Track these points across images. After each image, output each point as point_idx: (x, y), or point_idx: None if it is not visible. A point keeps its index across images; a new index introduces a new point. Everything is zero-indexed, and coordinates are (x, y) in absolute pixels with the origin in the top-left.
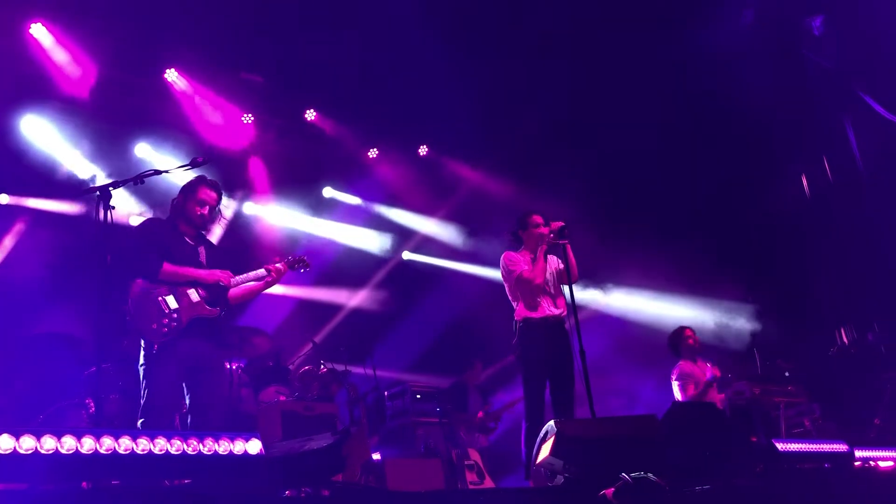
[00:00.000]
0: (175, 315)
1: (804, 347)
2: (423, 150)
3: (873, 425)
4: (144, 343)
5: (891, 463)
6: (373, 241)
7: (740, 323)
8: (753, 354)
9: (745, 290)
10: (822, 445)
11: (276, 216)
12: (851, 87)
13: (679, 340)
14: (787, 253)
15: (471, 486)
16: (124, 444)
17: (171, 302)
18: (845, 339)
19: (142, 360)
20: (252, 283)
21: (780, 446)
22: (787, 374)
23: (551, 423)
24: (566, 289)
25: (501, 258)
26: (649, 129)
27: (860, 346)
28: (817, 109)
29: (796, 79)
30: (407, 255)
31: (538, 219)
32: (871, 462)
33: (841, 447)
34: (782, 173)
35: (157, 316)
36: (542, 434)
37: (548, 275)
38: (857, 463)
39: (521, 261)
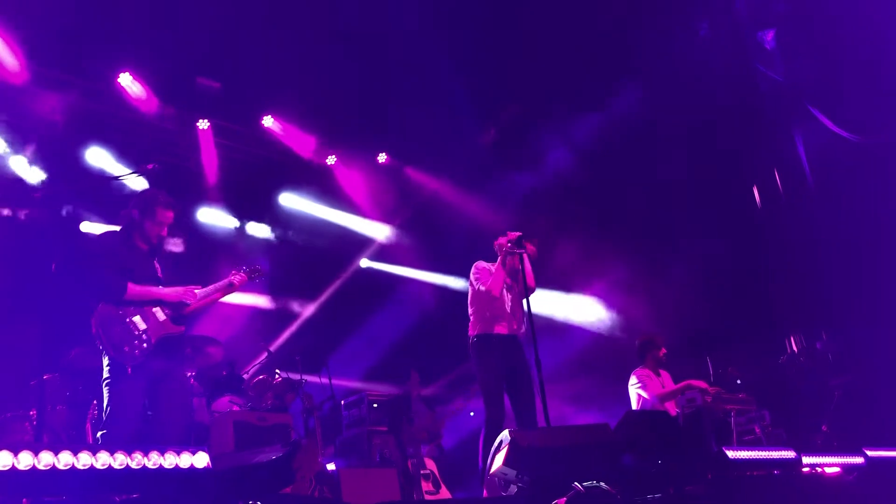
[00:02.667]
0: (145, 336)
1: (755, 355)
2: (382, 158)
3: (821, 432)
4: (113, 363)
5: (837, 469)
6: (329, 249)
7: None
8: (706, 362)
9: (697, 298)
10: (771, 452)
11: (232, 222)
12: (802, 101)
13: (650, 350)
14: (739, 263)
15: (426, 496)
16: (64, 460)
17: (140, 323)
18: (795, 348)
19: (106, 376)
20: (212, 295)
21: (730, 454)
22: (738, 381)
23: (506, 432)
24: (525, 302)
25: (473, 266)
26: (602, 137)
27: (809, 354)
28: (769, 122)
29: (749, 91)
30: (365, 262)
31: (511, 234)
32: (818, 468)
33: (789, 454)
34: (735, 184)
35: (128, 338)
36: (496, 444)
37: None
38: (804, 469)
39: (487, 271)
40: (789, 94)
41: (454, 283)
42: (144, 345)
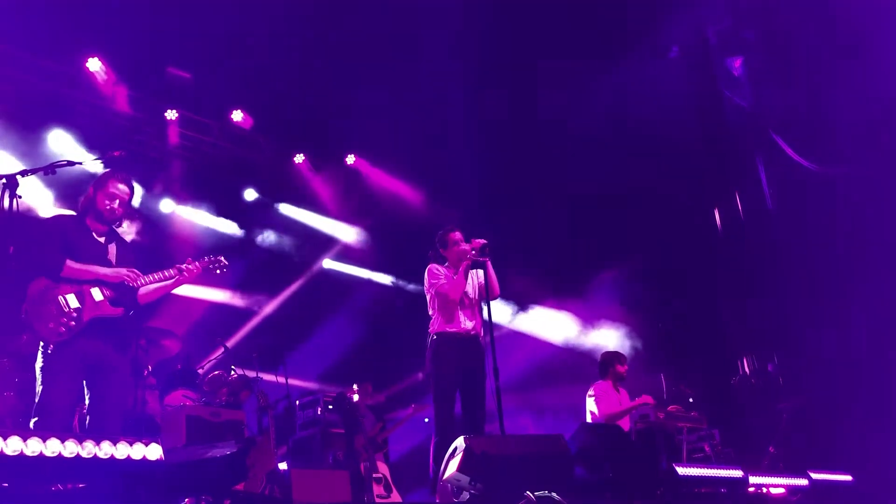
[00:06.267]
0: (75, 314)
1: (708, 375)
2: (350, 159)
3: (768, 453)
4: (42, 343)
5: (782, 490)
6: (293, 247)
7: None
8: (659, 379)
9: (654, 317)
10: (719, 471)
11: (195, 216)
12: (765, 128)
13: (611, 365)
14: (697, 283)
15: (378, 500)
16: (12, 445)
17: (73, 301)
18: (747, 369)
19: (40, 361)
20: (163, 282)
21: (680, 470)
22: (690, 399)
23: (461, 439)
24: (486, 310)
25: (426, 270)
26: (571, 156)
27: (760, 375)
28: (732, 146)
29: (715, 115)
30: (327, 262)
31: (456, 235)
32: (763, 488)
33: (737, 473)
34: (696, 205)
35: (55, 315)
36: (450, 450)
37: (470, 290)
38: (750, 489)
39: (442, 275)
40: (753, 121)
41: (416, 286)
42: (72, 323)
